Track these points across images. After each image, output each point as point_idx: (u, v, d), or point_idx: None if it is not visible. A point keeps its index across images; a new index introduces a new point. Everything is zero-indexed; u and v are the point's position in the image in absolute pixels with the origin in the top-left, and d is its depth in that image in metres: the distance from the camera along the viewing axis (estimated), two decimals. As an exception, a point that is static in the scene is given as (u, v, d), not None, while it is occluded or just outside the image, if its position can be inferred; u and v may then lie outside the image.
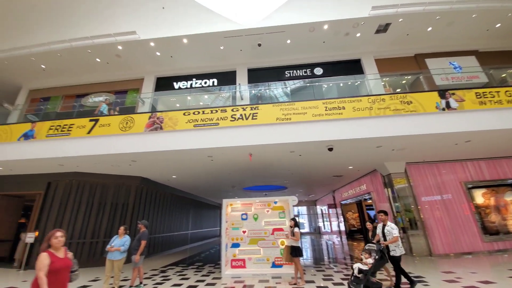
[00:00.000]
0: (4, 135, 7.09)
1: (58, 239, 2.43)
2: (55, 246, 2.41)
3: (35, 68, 10.13)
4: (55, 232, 2.47)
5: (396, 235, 4.25)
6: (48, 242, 2.40)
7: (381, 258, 4.10)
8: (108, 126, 6.67)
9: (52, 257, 2.31)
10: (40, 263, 2.22)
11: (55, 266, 2.27)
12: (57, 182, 8.14)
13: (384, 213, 4.59)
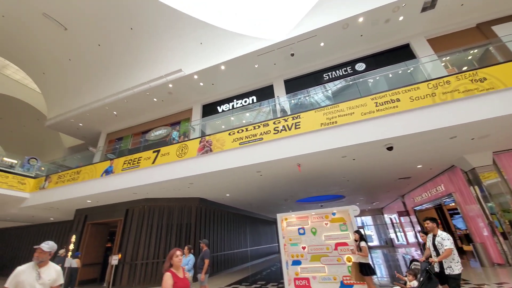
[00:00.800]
0: (90, 173, 8.70)
1: (179, 258, 2.43)
2: (176, 265, 2.41)
3: (109, 115, 12.38)
4: (175, 251, 2.47)
5: (449, 247, 3.30)
6: (170, 262, 2.42)
7: (428, 280, 3.24)
8: (168, 154, 7.48)
9: (174, 277, 2.30)
10: (165, 283, 2.23)
11: (177, 286, 2.26)
12: (133, 209, 9.39)
13: (431, 220, 3.62)
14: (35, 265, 2.42)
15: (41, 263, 2.43)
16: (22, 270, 2.33)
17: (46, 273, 2.46)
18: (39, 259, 2.43)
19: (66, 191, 8.89)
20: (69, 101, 12.72)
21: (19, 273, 2.30)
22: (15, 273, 2.30)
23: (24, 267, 2.37)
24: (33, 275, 2.34)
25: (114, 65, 11.40)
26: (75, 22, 10.09)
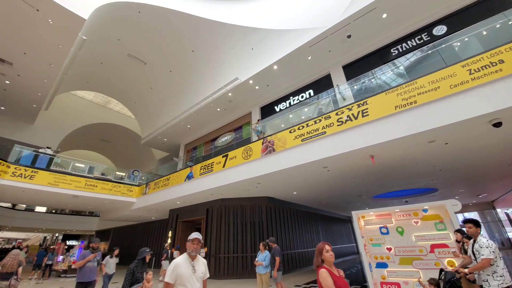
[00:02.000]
0: (177, 179, 10.25)
1: (330, 253, 2.09)
2: (328, 261, 2.07)
3: (185, 129, 14.33)
4: (324, 245, 2.14)
5: (486, 256, 2.73)
6: (320, 257, 2.10)
7: None
8: (235, 158, 8.06)
9: (332, 275, 1.98)
10: (325, 280, 1.94)
11: (337, 286, 1.93)
12: (212, 208, 10.53)
13: (473, 223, 3.03)
14: (188, 258, 2.31)
15: (194, 255, 2.34)
16: (180, 264, 2.22)
17: (198, 265, 2.34)
18: (196, 251, 2.32)
19: (161, 195, 10.79)
20: (155, 122, 15.45)
21: (178, 266, 2.19)
22: (174, 266, 2.19)
23: (180, 260, 2.27)
24: (189, 268, 2.24)
25: (183, 86, 13.18)
26: (151, 56, 12.22)
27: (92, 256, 4.60)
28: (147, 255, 3.20)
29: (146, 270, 3.39)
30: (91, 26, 9.34)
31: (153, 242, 15.43)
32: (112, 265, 6.33)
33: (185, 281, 2.15)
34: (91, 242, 4.89)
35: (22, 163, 9.47)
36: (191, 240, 2.35)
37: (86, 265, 4.53)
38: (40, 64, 9.57)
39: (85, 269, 4.51)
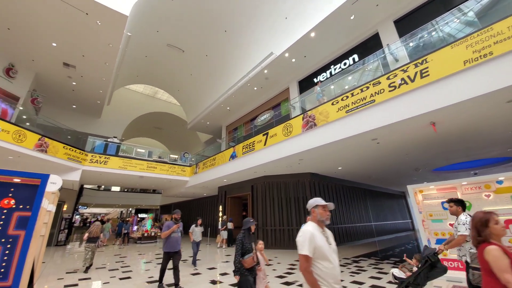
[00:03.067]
0: (222, 159, 10.87)
1: (501, 225, 1.61)
2: (498, 235, 1.59)
3: (224, 111, 14.77)
4: (491, 215, 1.65)
5: (462, 233, 2.82)
6: (486, 230, 1.61)
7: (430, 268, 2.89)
8: (275, 136, 8.05)
9: (509, 254, 1.50)
10: (498, 261, 1.47)
11: None
12: (256, 185, 11.00)
13: (454, 202, 3.12)
14: (319, 227, 1.89)
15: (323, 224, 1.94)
16: (314, 233, 1.80)
17: (330, 237, 1.96)
18: (329, 219, 1.92)
19: (209, 174, 11.70)
20: (197, 107, 16.33)
21: (314, 237, 1.77)
22: (309, 236, 1.76)
23: (312, 228, 1.85)
24: (323, 239, 1.83)
25: (219, 69, 13.37)
26: (188, 43, 12.56)
27: (176, 226, 4.66)
28: (252, 225, 3.10)
29: (254, 240, 3.23)
30: (132, 22, 9.99)
31: (206, 216, 17.19)
32: (198, 233, 7.27)
33: (325, 253, 1.75)
34: (174, 213, 4.88)
35: (96, 151, 11.32)
36: (322, 206, 1.92)
37: (172, 235, 4.61)
38: (97, 64, 10.82)
39: (171, 239, 4.61)
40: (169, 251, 4.56)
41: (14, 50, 9.88)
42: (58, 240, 11.87)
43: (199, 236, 7.16)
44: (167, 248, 4.56)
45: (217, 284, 4.99)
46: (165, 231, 4.59)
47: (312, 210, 1.98)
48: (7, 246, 3.87)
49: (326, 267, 1.73)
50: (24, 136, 7.77)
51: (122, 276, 5.70)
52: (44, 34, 9.16)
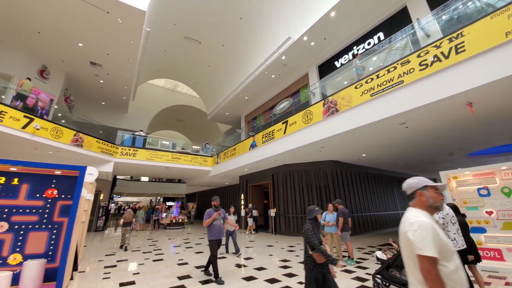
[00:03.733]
0: (242, 148, 10.99)
1: None
2: None
3: (243, 101, 14.75)
4: None
5: None
6: None
7: None
8: (295, 123, 7.90)
9: None
10: None
11: None
12: (277, 173, 11.03)
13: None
14: (432, 218, 1.39)
15: None
16: (435, 227, 1.31)
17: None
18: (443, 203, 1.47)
19: (230, 164, 11.94)
20: (216, 98, 16.50)
21: (436, 231, 1.29)
22: (432, 231, 1.27)
23: (429, 220, 1.34)
24: (442, 232, 1.35)
25: (236, 58, 13.25)
26: (204, 34, 12.54)
27: (217, 214, 4.49)
28: (318, 215, 2.75)
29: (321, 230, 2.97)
30: (150, 18, 10.15)
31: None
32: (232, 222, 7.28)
33: (451, 251, 1.31)
34: (213, 200, 4.72)
35: (125, 144, 12.04)
36: (433, 187, 1.44)
37: (214, 223, 4.46)
38: (121, 61, 11.28)
39: (214, 227, 4.47)
40: (216, 238, 4.44)
41: (45, 52, 10.63)
42: (97, 226, 13.08)
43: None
44: (213, 236, 4.44)
45: (241, 268, 5.18)
46: (206, 220, 4.43)
47: (418, 193, 1.45)
48: (53, 232, 4.36)
49: (453, 271, 1.26)
50: (61, 133, 8.48)
51: (155, 258, 6.17)
52: (71, 35, 9.70)
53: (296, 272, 4.69)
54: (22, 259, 3.96)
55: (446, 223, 2.99)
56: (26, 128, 7.31)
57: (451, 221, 2.99)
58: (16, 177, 4.23)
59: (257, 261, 5.76)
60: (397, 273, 3.33)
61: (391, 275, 3.32)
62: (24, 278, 3.64)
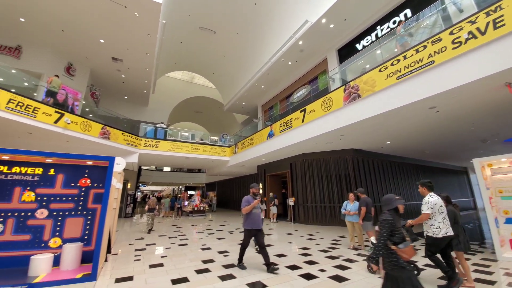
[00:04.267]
0: (259, 138, 10.99)
1: None
2: None
3: (259, 90, 14.58)
4: None
5: (424, 212, 3.28)
6: None
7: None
8: (314, 111, 7.69)
9: None
10: None
11: None
12: (295, 163, 10.95)
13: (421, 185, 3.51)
14: None
15: None
16: None
17: None
18: None
19: (248, 153, 12.04)
20: (232, 88, 16.48)
21: None
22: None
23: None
24: None
25: (252, 46, 13.00)
26: (218, 23, 12.39)
27: (256, 202, 4.26)
28: (399, 205, 2.40)
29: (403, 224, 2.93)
30: (166, 10, 10.20)
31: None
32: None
33: None
34: (252, 187, 4.50)
35: (148, 136, 12.57)
36: None
37: (253, 211, 4.24)
38: (140, 55, 11.58)
39: (253, 215, 4.23)
40: (251, 228, 4.17)
41: (70, 50, 11.19)
42: (126, 213, 14.03)
43: None
44: (249, 225, 4.18)
45: (262, 255, 5.31)
46: (246, 206, 4.19)
47: None
48: (88, 218, 4.73)
49: None
50: (90, 126, 9.02)
51: (180, 243, 6.51)
52: (92, 32, 10.08)
53: (317, 260, 4.71)
54: (62, 242, 4.38)
55: (434, 213, 3.28)
56: (58, 123, 7.87)
57: (438, 210, 3.27)
58: (52, 168, 4.61)
59: (277, 248, 5.86)
60: None
61: None
62: (63, 259, 4.03)
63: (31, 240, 4.23)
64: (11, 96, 6.71)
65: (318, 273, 3.96)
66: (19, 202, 4.27)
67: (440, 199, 3.40)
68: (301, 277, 3.80)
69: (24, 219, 4.25)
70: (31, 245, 4.21)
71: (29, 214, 4.30)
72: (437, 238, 3.21)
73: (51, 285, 3.41)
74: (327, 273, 3.99)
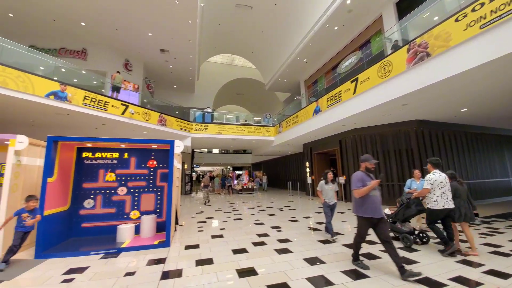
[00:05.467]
0: (304, 115, 10.52)
1: None
2: None
3: (301, 64, 13.71)
4: None
5: (424, 187, 3.71)
6: None
7: (405, 208, 4.26)
8: (368, 80, 6.85)
9: None
10: None
11: None
12: (345, 139, 10.23)
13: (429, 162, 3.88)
14: None
15: None
16: None
17: None
18: None
19: (293, 132, 11.76)
20: (272, 65, 15.94)
21: None
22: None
23: None
24: None
25: (291, 16, 12.07)
26: (256, -6, 11.78)
27: (375, 182, 3.00)
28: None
29: None
30: (203, -10, 10.15)
31: (292, 172, 18.03)
32: (330, 192, 4.77)
33: None
34: (365, 160, 3.21)
35: (197, 121, 13.41)
36: None
37: (371, 193, 3.02)
38: (183, 44, 12.04)
39: (371, 199, 3.02)
40: (372, 216, 2.99)
41: (125, 47, 12.34)
42: (185, 190, 15.73)
43: (332, 197, 4.72)
44: (367, 212, 3.01)
45: (319, 231, 5.28)
46: (361, 188, 3.02)
47: None
48: (158, 194, 5.37)
49: None
50: (149, 115, 10.05)
51: (235, 217, 7.01)
52: (141, 27, 10.82)
53: (375, 240, 4.43)
54: (140, 214, 5.14)
55: (433, 188, 3.64)
56: (124, 114, 8.97)
57: (438, 186, 3.61)
58: (126, 152, 5.32)
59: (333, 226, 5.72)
60: (399, 225, 4.38)
61: (394, 226, 4.40)
62: (142, 229, 4.74)
63: (116, 212, 5.09)
64: (86, 94, 7.86)
65: (380, 254, 3.71)
66: (104, 182, 5.11)
67: (443, 175, 3.67)
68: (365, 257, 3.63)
69: (109, 196, 5.11)
70: (116, 217, 5.07)
71: (112, 191, 5.13)
72: (434, 210, 3.62)
73: (135, 250, 4.09)
74: (391, 253, 3.71)
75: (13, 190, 3.90)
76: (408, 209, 4.22)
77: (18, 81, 6.31)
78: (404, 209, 4.27)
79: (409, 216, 4.24)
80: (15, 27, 10.50)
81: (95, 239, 4.58)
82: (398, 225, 4.38)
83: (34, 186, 4.38)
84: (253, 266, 3.27)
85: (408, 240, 4.04)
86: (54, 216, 4.19)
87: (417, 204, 4.13)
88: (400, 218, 4.32)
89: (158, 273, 3.09)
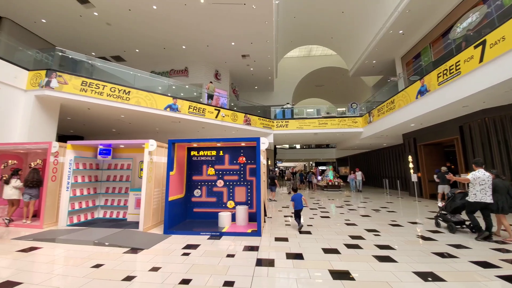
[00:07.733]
0: (404, 99, 8.75)
1: None
2: None
3: (396, 37, 11.41)
4: None
5: (467, 177, 4.37)
6: None
7: (451, 201, 4.89)
8: (503, 40, 4.91)
9: None
10: None
11: None
12: (468, 124, 7.80)
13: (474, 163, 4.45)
14: None
15: None
16: None
17: None
18: None
19: (388, 121, 10.05)
20: (357, 47, 14.18)
21: None
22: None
23: None
24: None
25: None
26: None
27: None
28: None
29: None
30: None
31: (387, 168, 15.48)
32: None
33: None
34: None
35: (278, 118, 13.74)
36: None
37: None
38: (261, 45, 12.58)
39: None
40: None
41: (214, 59, 14.16)
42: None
43: None
44: None
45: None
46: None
47: None
48: (248, 187, 5.85)
49: None
50: (236, 116, 11.15)
51: (322, 215, 6.72)
52: (226, 39, 12.10)
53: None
54: (235, 204, 5.76)
55: (474, 183, 4.22)
56: (217, 117, 10.33)
57: (479, 183, 4.16)
58: (221, 150, 6.09)
59: (450, 235, 4.52)
60: (448, 216, 4.96)
61: (445, 216, 5.05)
62: (238, 217, 5.28)
63: (216, 201, 5.92)
64: (190, 103, 9.58)
65: None
66: (206, 175, 6.05)
67: (487, 174, 4.19)
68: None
69: (211, 187, 6.00)
70: (216, 205, 5.90)
71: (213, 183, 6.00)
72: (471, 202, 4.26)
73: (233, 235, 4.62)
74: None
75: (149, 181, 5.24)
76: (453, 201, 4.85)
77: (147, 99, 8.46)
78: (451, 202, 4.91)
79: (456, 208, 4.80)
80: (140, 59, 14.06)
81: (203, 222, 5.52)
82: (448, 215, 4.96)
83: (162, 178, 5.72)
84: (348, 270, 3.00)
85: (452, 228, 4.73)
86: (176, 202, 5.33)
87: (462, 197, 4.69)
88: (448, 210, 4.96)
89: (253, 259, 3.35)
